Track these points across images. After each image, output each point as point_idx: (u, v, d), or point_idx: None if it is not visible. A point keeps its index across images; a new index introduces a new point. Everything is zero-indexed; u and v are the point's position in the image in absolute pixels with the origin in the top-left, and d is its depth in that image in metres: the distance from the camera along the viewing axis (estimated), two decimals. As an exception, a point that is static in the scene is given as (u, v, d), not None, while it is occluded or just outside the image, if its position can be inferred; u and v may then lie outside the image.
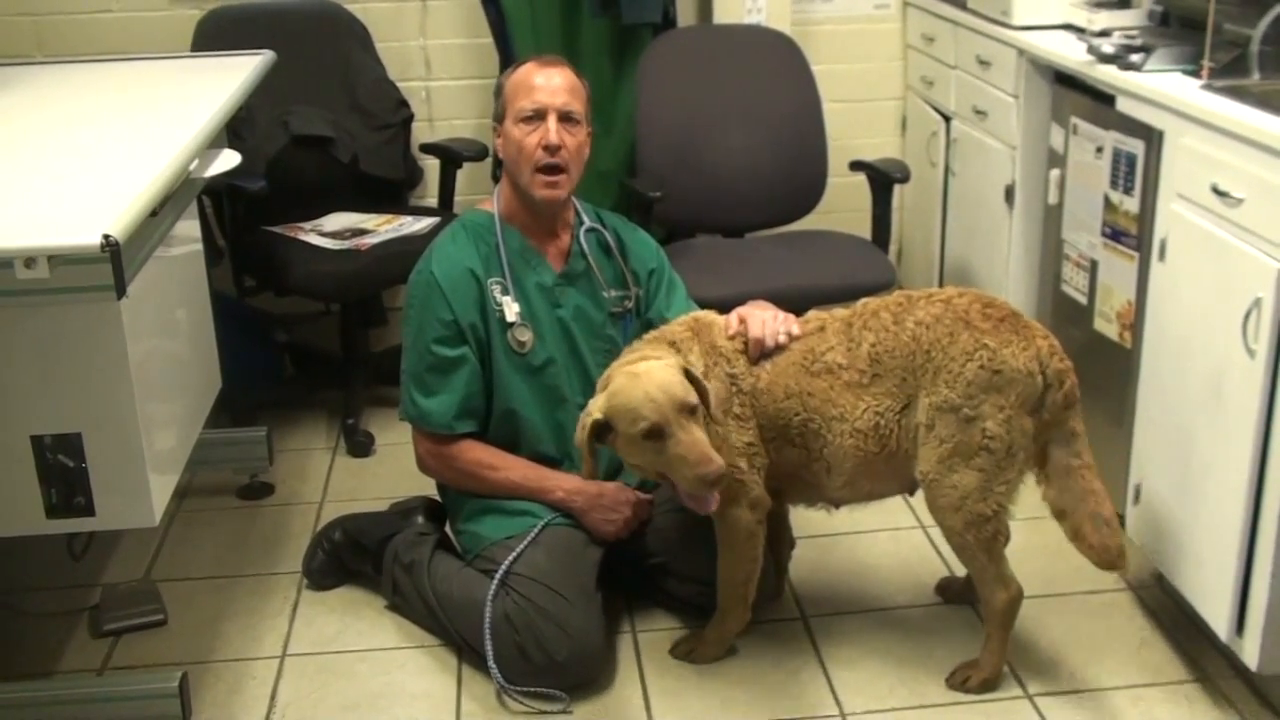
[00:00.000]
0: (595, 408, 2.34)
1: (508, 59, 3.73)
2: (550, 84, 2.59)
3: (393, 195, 3.92)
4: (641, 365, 2.35)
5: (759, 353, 2.45)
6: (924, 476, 2.40)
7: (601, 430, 2.34)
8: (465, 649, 2.62)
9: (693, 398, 2.29)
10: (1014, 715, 2.43)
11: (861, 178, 3.66)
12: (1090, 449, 2.41)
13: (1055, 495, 2.42)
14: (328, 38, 3.87)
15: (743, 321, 2.49)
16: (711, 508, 2.36)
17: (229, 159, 2.82)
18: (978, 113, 3.62)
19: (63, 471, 2.23)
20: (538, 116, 2.57)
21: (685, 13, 4.02)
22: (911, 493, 2.54)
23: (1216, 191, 2.37)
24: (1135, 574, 2.85)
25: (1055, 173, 3.17)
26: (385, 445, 3.55)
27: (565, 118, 2.58)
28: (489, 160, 3.76)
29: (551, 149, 2.56)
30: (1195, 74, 2.69)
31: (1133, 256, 2.78)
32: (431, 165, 3.97)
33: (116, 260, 2.00)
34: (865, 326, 2.44)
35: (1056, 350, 2.39)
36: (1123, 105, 2.80)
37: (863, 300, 2.52)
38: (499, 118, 2.65)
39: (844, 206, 3.95)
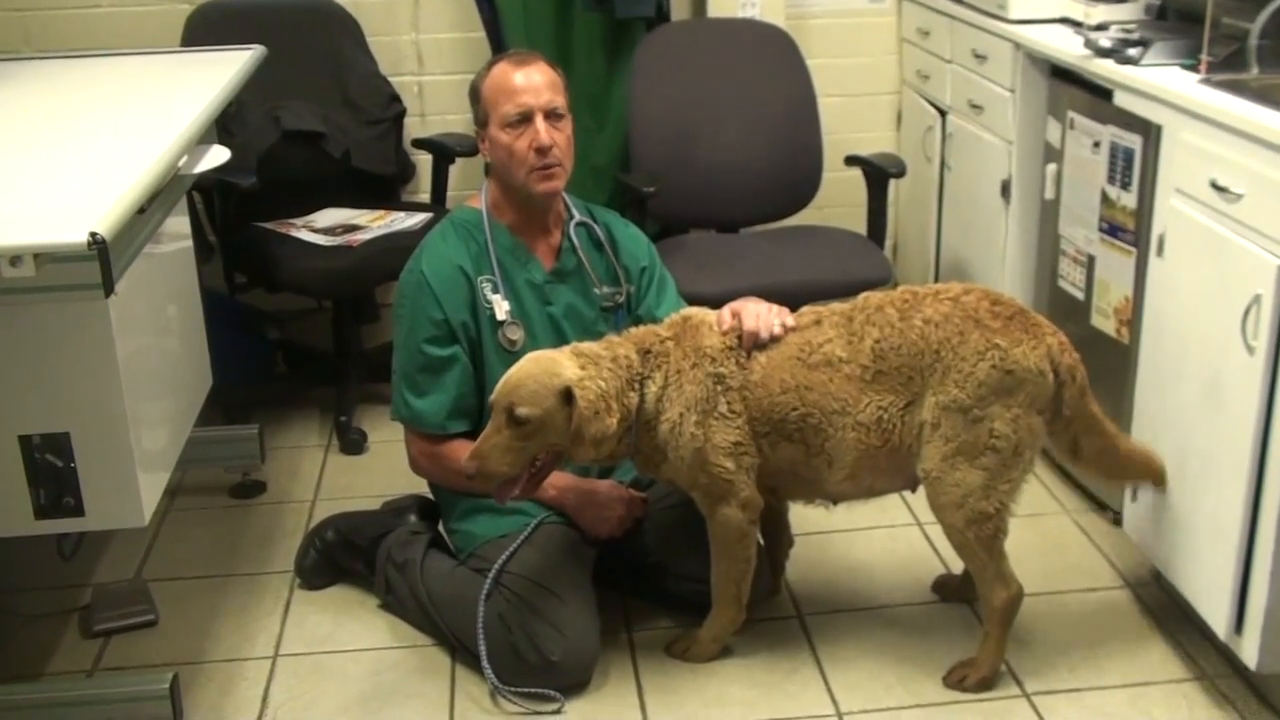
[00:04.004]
0: None
1: (500, 53, 3.70)
2: (531, 83, 2.56)
3: (385, 191, 3.91)
4: (551, 355, 2.39)
5: (752, 345, 2.43)
6: (927, 474, 2.38)
7: None
8: (459, 649, 2.60)
9: (523, 410, 2.29)
10: (1011, 714, 2.42)
11: (857, 172, 3.64)
12: (1107, 419, 2.47)
13: (1097, 473, 2.56)
14: (319, 32, 3.85)
15: (736, 316, 2.47)
16: (497, 499, 2.41)
17: (218, 155, 2.80)
18: (974, 107, 3.60)
19: (51, 471, 2.21)
20: (524, 120, 2.54)
21: (679, 6, 4.01)
22: (913, 489, 2.53)
23: (1215, 187, 2.35)
24: (1133, 572, 2.84)
25: (1052, 167, 3.15)
26: (378, 443, 3.53)
27: (550, 114, 2.56)
28: (481, 155, 3.74)
29: (544, 150, 2.54)
30: (1193, 68, 2.68)
31: (1130, 252, 2.77)
32: (424, 160, 3.96)
33: (104, 258, 1.98)
34: (869, 322, 2.41)
35: (1066, 346, 2.38)
36: (1120, 100, 2.78)
37: (864, 295, 2.50)
38: (482, 123, 2.62)
39: (839, 202, 3.94)
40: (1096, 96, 2.91)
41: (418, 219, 3.62)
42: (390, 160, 3.86)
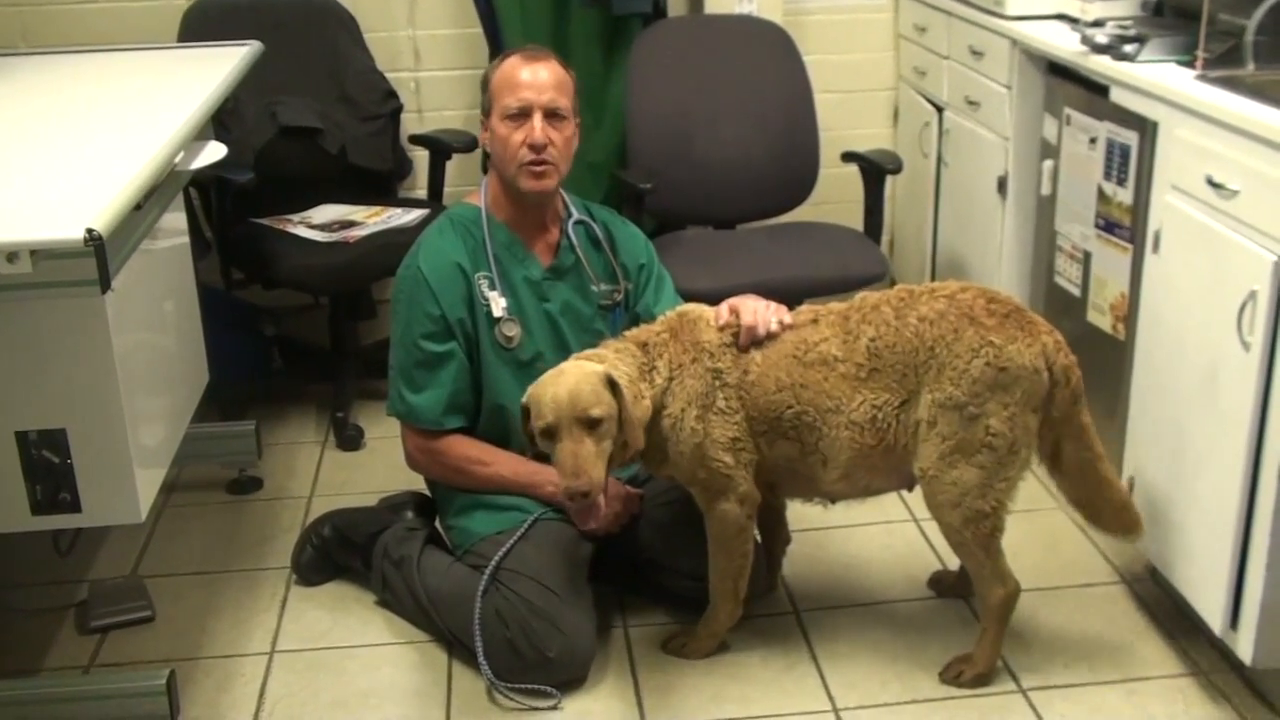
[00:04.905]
0: (525, 394, 2.36)
1: (497, 49, 3.70)
2: (536, 80, 2.56)
3: (381, 187, 3.90)
4: (571, 364, 2.36)
5: (750, 340, 2.43)
6: (923, 473, 2.38)
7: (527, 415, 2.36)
8: (456, 645, 2.60)
9: (597, 410, 2.26)
10: (1007, 709, 2.42)
11: (854, 169, 3.64)
12: (1097, 437, 2.43)
13: (1072, 488, 2.47)
14: (315, 28, 3.84)
15: (734, 311, 2.47)
16: (587, 524, 2.39)
17: (215, 151, 2.80)
18: (970, 103, 3.61)
19: (48, 468, 2.20)
20: (523, 114, 2.55)
21: (676, 3, 4.00)
22: (910, 489, 2.52)
23: (1211, 183, 2.36)
24: (1129, 567, 2.84)
25: (1048, 164, 3.15)
26: (375, 439, 3.53)
27: (551, 114, 2.56)
28: (479, 151, 3.74)
29: (537, 147, 2.54)
30: (1190, 64, 2.67)
31: (1126, 248, 2.77)
32: (420, 156, 3.95)
33: (100, 255, 1.98)
34: (864, 320, 2.41)
35: (1062, 345, 2.38)
36: (1116, 96, 2.78)
37: (861, 294, 2.50)
38: (486, 112, 2.62)
39: (836, 198, 3.94)
40: (1093, 93, 2.91)
41: (414, 215, 3.62)
42: (387, 156, 3.86)
